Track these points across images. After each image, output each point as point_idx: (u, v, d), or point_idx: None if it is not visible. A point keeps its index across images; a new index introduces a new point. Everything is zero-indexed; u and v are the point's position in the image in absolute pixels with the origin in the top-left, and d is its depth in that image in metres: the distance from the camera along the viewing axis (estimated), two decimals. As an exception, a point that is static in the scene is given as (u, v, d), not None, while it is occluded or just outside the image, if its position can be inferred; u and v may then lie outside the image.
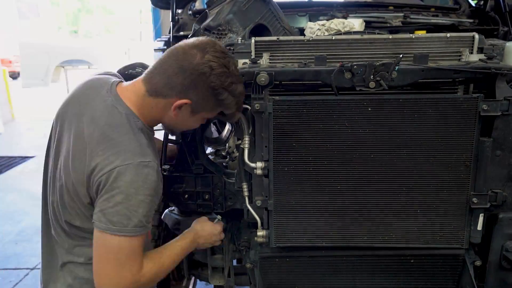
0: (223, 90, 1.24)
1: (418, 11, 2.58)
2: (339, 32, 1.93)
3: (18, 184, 4.53)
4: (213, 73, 1.20)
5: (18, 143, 6.31)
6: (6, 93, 7.74)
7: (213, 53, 1.21)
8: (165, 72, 1.22)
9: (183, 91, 1.22)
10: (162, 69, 1.23)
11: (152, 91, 1.24)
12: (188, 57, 1.20)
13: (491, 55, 1.41)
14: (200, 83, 1.21)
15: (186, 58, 1.20)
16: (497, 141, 1.41)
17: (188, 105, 1.24)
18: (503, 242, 1.51)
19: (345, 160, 1.43)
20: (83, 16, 26.85)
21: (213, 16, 1.84)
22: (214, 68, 1.20)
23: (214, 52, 1.21)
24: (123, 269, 1.16)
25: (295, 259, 1.59)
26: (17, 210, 3.85)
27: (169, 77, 1.21)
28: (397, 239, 1.50)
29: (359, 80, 1.35)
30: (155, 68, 1.25)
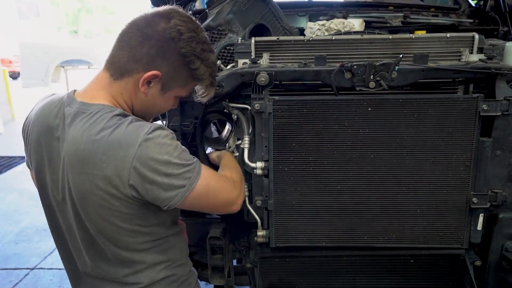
0: (195, 58, 1.11)
1: (418, 11, 2.58)
2: (339, 32, 1.93)
3: (18, 184, 4.53)
4: (182, 37, 1.08)
5: (18, 143, 6.30)
6: (6, 93, 7.75)
7: (179, 18, 1.09)
8: (127, 44, 1.09)
9: (150, 62, 1.08)
10: (123, 42, 1.10)
11: (116, 72, 1.10)
12: (152, 24, 1.08)
13: (491, 55, 1.41)
14: (169, 51, 1.08)
15: (149, 25, 1.08)
16: (497, 141, 1.41)
17: (158, 79, 1.10)
18: (503, 242, 1.51)
19: (345, 160, 1.43)
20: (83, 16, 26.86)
21: (213, 16, 1.85)
22: (183, 32, 1.08)
23: (180, 17, 1.10)
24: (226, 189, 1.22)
25: (295, 259, 1.59)
26: (17, 210, 3.85)
27: (132, 49, 1.08)
28: (397, 239, 1.50)
29: (359, 80, 1.35)
30: (114, 46, 1.12)
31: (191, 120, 1.53)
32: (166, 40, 1.07)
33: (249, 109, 1.43)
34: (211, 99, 1.48)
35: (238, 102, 1.50)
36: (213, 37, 1.83)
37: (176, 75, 1.12)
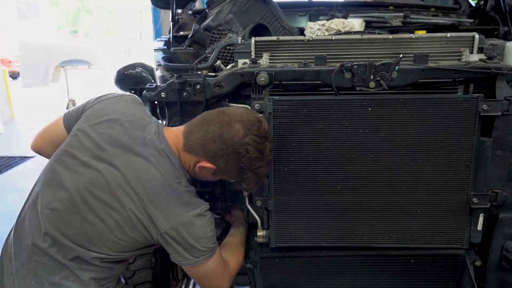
0: (249, 171, 1.28)
1: (418, 11, 2.58)
2: (339, 32, 1.93)
3: (18, 184, 4.52)
4: (247, 156, 1.24)
5: (18, 143, 6.30)
6: (6, 93, 7.74)
7: (254, 137, 1.24)
8: (206, 134, 1.25)
9: (213, 157, 1.25)
10: (203, 129, 1.26)
11: (187, 146, 1.27)
12: (231, 131, 1.23)
13: (491, 55, 1.41)
14: (231, 160, 1.25)
15: (229, 131, 1.23)
16: (497, 141, 1.41)
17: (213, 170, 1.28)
18: (503, 242, 1.51)
19: (345, 160, 1.43)
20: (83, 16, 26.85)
21: (213, 16, 1.84)
22: (250, 152, 1.23)
23: (255, 136, 1.24)
24: (222, 278, 1.34)
25: (295, 259, 1.59)
26: (17, 210, 3.81)
27: (205, 140, 1.24)
28: (397, 239, 1.50)
29: (359, 80, 1.35)
30: (198, 124, 1.28)
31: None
32: (233, 152, 1.23)
33: (249, 109, 1.43)
34: (211, 98, 1.48)
35: (238, 102, 1.50)
36: (213, 37, 1.83)
37: (228, 173, 1.32)
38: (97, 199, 1.20)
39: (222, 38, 1.81)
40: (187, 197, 1.25)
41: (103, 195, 1.20)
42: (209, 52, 1.79)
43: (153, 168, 1.22)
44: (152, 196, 1.20)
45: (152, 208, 1.19)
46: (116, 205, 1.20)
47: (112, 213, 1.19)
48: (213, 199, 1.59)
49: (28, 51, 8.15)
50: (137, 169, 1.22)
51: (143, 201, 1.19)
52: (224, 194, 1.58)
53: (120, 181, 1.20)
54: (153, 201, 1.20)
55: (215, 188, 1.58)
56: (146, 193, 1.20)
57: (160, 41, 2.48)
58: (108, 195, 1.20)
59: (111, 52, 8.52)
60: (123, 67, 1.76)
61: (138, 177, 1.21)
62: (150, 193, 1.20)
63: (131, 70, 1.74)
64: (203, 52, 1.87)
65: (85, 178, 1.22)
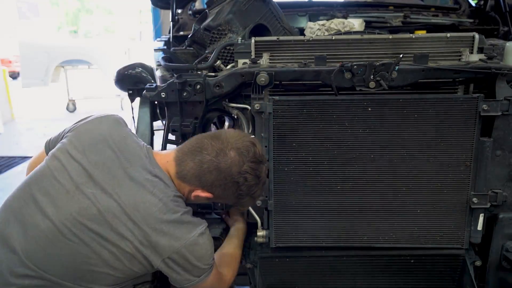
0: (247, 196, 1.27)
1: (418, 11, 2.58)
2: (339, 32, 1.93)
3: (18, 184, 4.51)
4: (246, 183, 1.22)
5: (18, 143, 6.29)
6: (6, 93, 7.73)
7: (251, 164, 1.21)
8: (201, 165, 1.20)
9: (210, 187, 1.23)
10: (197, 159, 1.21)
11: (181, 175, 1.23)
12: (227, 160, 1.20)
13: (491, 55, 1.41)
14: (229, 188, 1.23)
15: (225, 160, 1.20)
16: (497, 141, 1.41)
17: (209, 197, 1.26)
18: (503, 242, 1.51)
19: (345, 160, 1.43)
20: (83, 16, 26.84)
21: (213, 16, 1.84)
22: (248, 180, 1.22)
23: (252, 164, 1.22)
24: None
25: (295, 259, 1.59)
26: (17, 210, 3.84)
27: (201, 170, 1.20)
28: (397, 239, 1.50)
29: (359, 80, 1.35)
30: (191, 152, 1.23)
31: (191, 120, 1.53)
32: (232, 182, 1.21)
33: (249, 109, 1.43)
34: (211, 98, 1.48)
35: (238, 102, 1.50)
36: (213, 37, 1.83)
37: (225, 200, 1.34)
38: (89, 231, 1.09)
39: (222, 38, 1.81)
40: (187, 218, 1.21)
41: (96, 226, 1.10)
42: (209, 52, 1.79)
43: (149, 194, 1.15)
44: (152, 224, 1.13)
45: (154, 235, 1.13)
46: (111, 236, 1.10)
47: (107, 245, 1.10)
48: (213, 199, 1.59)
49: (28, 51, 8.14)
50: (132, 196, 1.13)
51: (142, 230, 1.12)
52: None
53: (115, 210, 1.11)
54: (154, 228, 1.13)
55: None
56: (145, 221, 1.13)
57: (160, 41, 2.48)
58: (102, 226, 1.10)
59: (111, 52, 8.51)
60: (123, 67, 1.76)
61: (134, 205, 1.12)
62: (149, 220, 1.13)
63: (131, 70, 1.74)
64: (203, 52, 1.87)
65: (72, 206, 1.10)
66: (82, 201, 1.11)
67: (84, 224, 1.10)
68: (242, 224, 1.57)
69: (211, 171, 1.20)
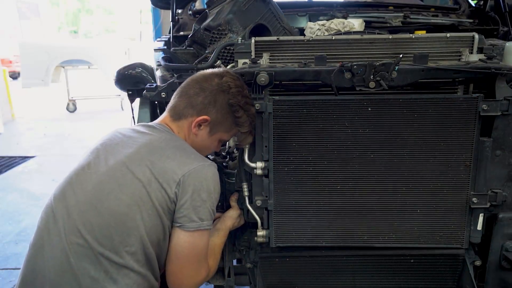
0: (239, 108, 1.34)
1: (418, 11, 2.58)
2: (339, 32, 1.93)
3: (18, 184, 4.52)
4: (231, 91, 1.33)
5: (18, 143, 6.30)
6: (6, 93, 7.74)
7: (230, 76, 1.35)
8: (186, 93, 1.35)
9: (203, 109, 1.33)
10: (182, 92, 1.36)
11: (175, 115, 1.36)
12: (208, 80, 1.35)
13: (491, 55, 1.41)
14: (219, 100, 1.33)
15: (206, 80, 1.35)
16: (497, 141, 1.41)
17: (208, 123, 1.34)
18: (503, 242, 1.51)
19: (345, 160, 1.43)
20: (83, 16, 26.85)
21: (213, 16, 1.85)
22: (231, 87, 1.33)
23: (230, 76, 1.35)
24: (201, 267, 1.31)
25: (295, 259, 1.59)
26: (17, 210, 3.84)
27: (190, 97, 1.34)
28: (397, 239, 1.50)
29: (359, 80, 1.35)
30: (175, 94, 1.38)
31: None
32: (218, 92, 1.33)
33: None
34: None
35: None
36: (213, 37, 1.83)
37: (223, 121, 1.36)
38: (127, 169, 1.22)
39: (222, 38, 1.81)
40: (194, 152, 1.32)
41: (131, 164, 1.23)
42: (209, 52, 1.80)
43: (150, 136, 1.30)
44: (158, 152, 1.24)
45: (162, 160, 1.22)
46: (127, 178, 1.21)
47: (134, 179, 1.21)
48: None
49: (28, 51, 8.15)
50: (136, 140, 1.29)
51: (150, 161, 1.22)
52: (224, 194, 1.59)
53: (125, 156, 1.25)
54: (162, 155, 1.24)
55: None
56: (151, 152, 1.24)
57: (160, 41, 2.48)
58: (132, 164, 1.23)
59: (111, 52, 8.52)
60: (123, 67, 1.76)
61: (140, 144, 1.26)
62: (155, 151, 1.25)
63: (131, 70, 1.74)
64: (203, 52, 1.87)
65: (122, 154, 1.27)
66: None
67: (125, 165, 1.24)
68: (232, 212, 1.55)
69: (197, 93, 1.34)
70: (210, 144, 1.41)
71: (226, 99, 1.33)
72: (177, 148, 1.29)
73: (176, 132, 1.36)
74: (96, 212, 1.17)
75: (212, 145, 1.43)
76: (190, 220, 1.23)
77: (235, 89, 1.33)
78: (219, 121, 1.35)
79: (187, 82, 1.38)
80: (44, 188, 4.22)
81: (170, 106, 1.39)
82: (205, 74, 1.38)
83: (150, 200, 1.19)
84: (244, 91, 1.36)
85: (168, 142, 1.29)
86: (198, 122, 1.33)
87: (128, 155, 1.25)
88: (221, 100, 1.33)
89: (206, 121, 1.34)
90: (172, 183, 1.21)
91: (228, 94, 1.33)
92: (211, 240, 1.43)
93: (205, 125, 1.35)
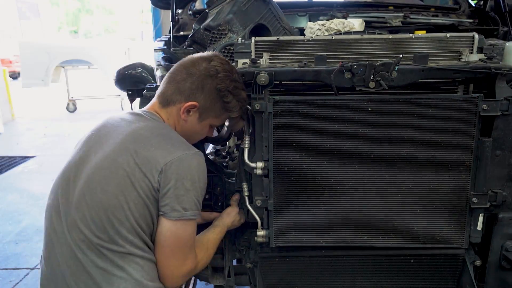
0: (228, 93, 1.32)
1: (418, 11, 2.58)
2: (339, 32, 1.93)
3: (18, 184, 4.52)
4: (219, 76, 1.30)
5: (18, 143, 6.30)
6: (6, 93, 7.74)
7: (218, 60, 1.33)
8: (174, 79, 1.33)
9: (191, 95, 1.31)
10: (171, 78, 1.34)
11: (164, 101, 1.34)
12: (195, 65, 1.32)
13: (491, 55, 1.41)
14: (207, 86, 1.30)
15: (193, 65, 1.32)
16: (497, 141, 1.41)
17: (196, 109, 1.32)
18: (503, 242, 1.51)
19: (345, 160, 1.43)
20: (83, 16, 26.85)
21: (213, 16, 1.85)
22: (219, 71, 1.30)
23: (219, 60, 1.33)
24: (187, 258, 1.28)
25: (295, 259, 1.59)
26: (17, 210, 3.85)
27: (178, 83, 1.32)
28: (397, 239, 1.50)
29: (359, 80, 1.35)
30: (164, 80, 1.36)
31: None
32: (205, 77, 1.30)
33: (249, 109, 1.43)
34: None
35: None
36: (213, 37, 1.83)
37: (212, 106, 1.33)
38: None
39: (222, 38, 1.81)
40: (180, 141, 1.29)
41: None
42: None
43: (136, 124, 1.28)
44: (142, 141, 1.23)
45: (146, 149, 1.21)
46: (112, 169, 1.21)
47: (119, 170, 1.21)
48: (213, 198, 1.59)
49: (28, 51, 8.15)
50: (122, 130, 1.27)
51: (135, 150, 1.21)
52: (224, 193, 1.59)
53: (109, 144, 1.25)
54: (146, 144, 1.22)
55: (215, 188, 1.58)
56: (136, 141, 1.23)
57: (160, 41, 2.48)
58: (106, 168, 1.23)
59: (111, 52, 8.52)
60: (123, 67, 1.76)
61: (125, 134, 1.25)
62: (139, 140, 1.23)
63: (131, 70, 1.74)
64: (203, 52, 1.87)
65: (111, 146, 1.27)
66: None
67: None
68: (230, 209, 1.55)
69: (184, 79, 1.31)
70: (200, 129, 1.39)
71: (214, 84, 1.30)
72: (162, 137, 1.27)
73: (165, 119, 1.34)
74: (88, 206, 1.20)
75: (203, 131, 1.41)
76: (172, 209, 1.21)
77: (223, 74, 1.31)
78: (208, 107, 1.33)
79: (175, 68, 1.35)
80: (44, 188, 4.21)
81: (158, 92, 1.37)
82: (192, 59, 1.35)
83: (135, 189, 1.19)
84: (233, 75, 1.33)
85: (153, 131, 1.27)
86: (186, 108, 1.31)
87: (114, 146, 1.24)
88: (209, 85, 1.30)
89: (194, 107, 1.31)
90: (155, 172, 1.20)
91: (216, 79, 1.30)
92: (206, 234, 1.45)
93: (194, 111, 1.33)
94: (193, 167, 1.23)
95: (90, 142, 1.31)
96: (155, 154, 1.21)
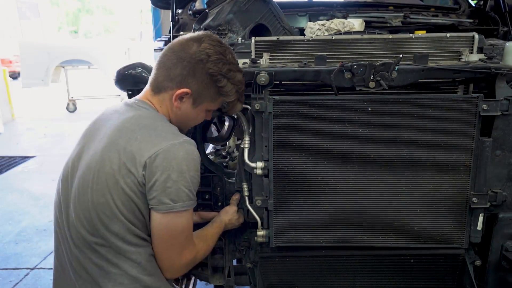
0: (222, 77, 1.25)
1: (418, 11, 2.58)
2: (339, 32, 1.93)
3: (18, 184, 4.52)
4: (210, 59, 1.23)
5: (18, 143, 6.31)
6: (6, 93, 7.74)
7: (209, 42, 1.25)
8: (164, 65, 1.26)
9: (183, 81, 1.24)
10: (161, 63, 1.27)
11: (155, 88, 1.28)
12: (185, 48, 1.24)
13: (491, 55, 1.41)
14: (198, 71, 1.23)
15: (183, 49, 1.24)
16: (497, 141, 1.41)
17: (190, 96, 1.26)
18: (503, 242, 1.51)
19: (345, 160, 1.43)
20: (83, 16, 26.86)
21: (213, 16, 1.85)
22: (210, 55, 1.23)
23: (210, 41, 1.25)
24: (184, 249, 1.26)
25: (295, 259, 1.59)
26: (17, 210, 3.85)
27: (168, 69, 1.25)
28: (397, 239, 1.50)
29: (359, 80, 1.36)
30: (155, 66, 1.29)
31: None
32: (196, 62, 1.23)
33: (249, 109, 1.43)
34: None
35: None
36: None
37: (205, 92, 1.27)
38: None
39: (222, 38, 1.81)
40: (167, 130, 1.23)
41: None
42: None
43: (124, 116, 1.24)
44: (127, 135, 1.19)
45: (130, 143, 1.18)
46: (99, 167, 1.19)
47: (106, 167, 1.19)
48: (213, 198, 1.59)
49: (28, 51, 8.16)
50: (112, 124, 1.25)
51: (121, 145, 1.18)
52: (224, 193, 1.59)
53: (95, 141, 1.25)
54: (131, 137, 1.18)
55: (215, 188, 1.58)
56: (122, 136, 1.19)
57: (160, 41, 2.48)
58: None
59: (111, 52, 8.51)
60: (123, 67, 1.76)
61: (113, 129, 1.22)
62: (125, 134, 1.19)
63: (131, 70, 1.74)
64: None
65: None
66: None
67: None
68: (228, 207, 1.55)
69: (175, 64, 1.24)
70: (196, 115, 1.33)
71: (205, 68, 1.23)
72: (147, 128, 1.21)
73: (158, 107, 1.29)
74: (81, 205, 1.21)
75: (199, 116, 1.35)
76: (160, 202, 1.17)
77: (215, 57, 1.23)
78: (201, 92, 1.26)
79: (164, 52, 1.28)
80: (44, 188, 4.22)
81: (150, 78, 1.31)
82: (182, 41, 1.26)
83: (120, 187, 1.17)
84: (226, 56, 1.26)
85: (139, 122, 1.22)
86: (178, 95, 1.25)
87: (103, 142, 1.23)
88: (200, 70, 1.23)
89: (187, 94, 1.25)
90: (139, 166, 1.16)
91: (208, 63, 1.22)
92: (204, 228, 1.46)
93: (187, 98, 1.26)
94: (180, 156, 1.17)
95: (85, 138, 1.32)
96: (140, 148, 1.17)
